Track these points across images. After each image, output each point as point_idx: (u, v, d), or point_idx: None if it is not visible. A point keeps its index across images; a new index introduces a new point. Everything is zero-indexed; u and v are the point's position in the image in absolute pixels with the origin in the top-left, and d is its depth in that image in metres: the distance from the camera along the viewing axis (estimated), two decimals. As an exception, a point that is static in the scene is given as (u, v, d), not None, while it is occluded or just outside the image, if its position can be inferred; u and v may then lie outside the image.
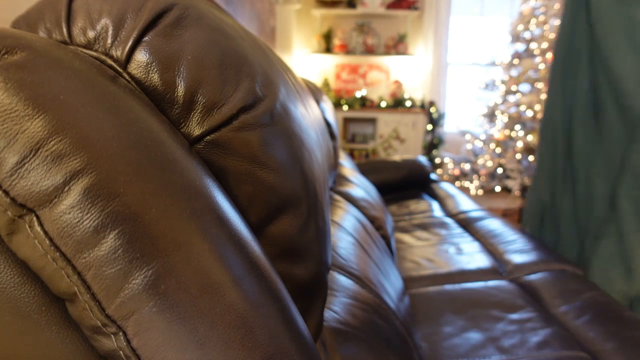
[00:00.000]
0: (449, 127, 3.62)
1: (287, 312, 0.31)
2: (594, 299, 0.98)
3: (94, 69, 0.29)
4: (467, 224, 1.51)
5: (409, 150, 3.48)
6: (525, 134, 2.62)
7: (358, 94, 3.57)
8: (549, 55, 2.42)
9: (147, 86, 0.31)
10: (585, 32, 1.42)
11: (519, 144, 2.64)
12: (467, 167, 3.13)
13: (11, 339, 0.26)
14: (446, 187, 1.98)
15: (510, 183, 2.69)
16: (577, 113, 1.47)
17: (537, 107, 2.52)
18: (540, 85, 2.56)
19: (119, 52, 0.31)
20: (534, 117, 2.54)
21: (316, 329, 0.45)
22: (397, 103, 3.52)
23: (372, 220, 1.19)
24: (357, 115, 3.51)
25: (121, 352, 0.25)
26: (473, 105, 3.45)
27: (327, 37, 3.55)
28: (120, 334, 0.24)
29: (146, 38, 0.31)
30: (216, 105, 0.33)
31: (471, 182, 3.09)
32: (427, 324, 0.91)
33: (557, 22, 2.37)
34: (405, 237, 1.42)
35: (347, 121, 3.61)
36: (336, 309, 0.58)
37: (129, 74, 0.31)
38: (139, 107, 0.29)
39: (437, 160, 3.50)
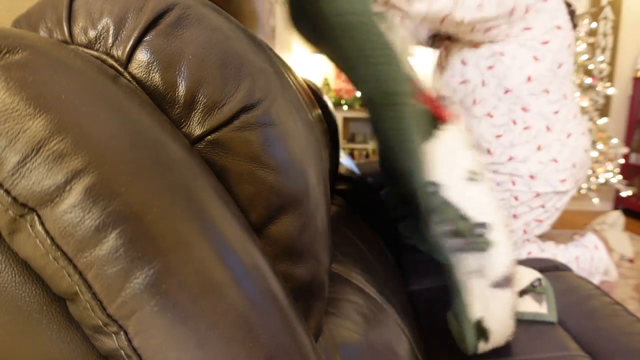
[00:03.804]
0: (448, 127, 3.62)
1: (288, 311, 0.32)
2: (594, 299, 0.98)
3: (95, 69, 0.29)
4: (467, 224, 1.51)
5: (409, 150, 3.48)
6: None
7: (358, 94, 3.57)
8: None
9: (148, 86, 0.31)
10: None
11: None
12: (467, 167, 3.13)
13: (12, 339, 0.26)
14: (446, 187, 1.97)
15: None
16: None
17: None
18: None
19: (120, 52, 0.31)
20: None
21: (317, 328, 0.45)
22: (397, 103, 3.52)
23: (372, 219, 1.19)
24: (357, 115, 3.51)
25: (122, 351, 0.25)
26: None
27: (327, 37, 3.54)
28: (122, 333, 0.24)
29: (147, 38, 0.31)
30: (217, 105, 0.33)
31: (471, 182, 3.09)
32: (428, 323, 0.91)
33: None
34: (405, 237, 1.42)
35: (347, 121, 3.61)
36: (336, 309, 0.58)
37: (130, 73, 0.31)
38: (140, 106, 0.29)
39: (437, 160, 3.49)
